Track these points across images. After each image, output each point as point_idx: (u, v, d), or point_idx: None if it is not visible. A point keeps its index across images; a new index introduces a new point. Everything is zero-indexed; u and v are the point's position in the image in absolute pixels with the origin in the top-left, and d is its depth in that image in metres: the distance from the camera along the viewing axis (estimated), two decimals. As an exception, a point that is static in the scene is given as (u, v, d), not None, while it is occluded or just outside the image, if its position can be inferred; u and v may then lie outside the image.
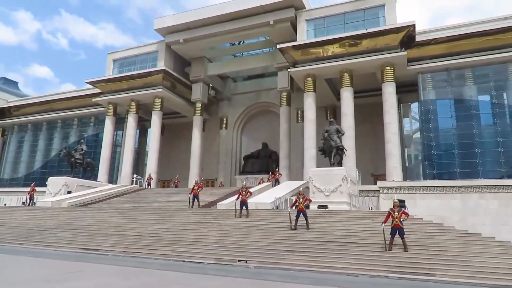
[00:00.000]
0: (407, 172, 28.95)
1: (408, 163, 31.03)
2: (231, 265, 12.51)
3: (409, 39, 25.66)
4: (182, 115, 39.60)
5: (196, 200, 21.06)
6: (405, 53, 25.59)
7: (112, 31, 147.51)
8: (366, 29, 26.37)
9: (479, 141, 24.20)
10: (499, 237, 14.25)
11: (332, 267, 11.78)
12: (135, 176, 34.55)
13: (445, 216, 19.58)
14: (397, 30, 25.38)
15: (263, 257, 12.91)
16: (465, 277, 10.57)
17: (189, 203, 20.97)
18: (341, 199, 19.52)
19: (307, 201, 16.45)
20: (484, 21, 26.34)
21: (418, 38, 26.28)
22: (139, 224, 18.17)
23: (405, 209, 14.32)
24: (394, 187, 22.80)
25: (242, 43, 37.69)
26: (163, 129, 38.15)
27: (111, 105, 36.56)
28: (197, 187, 21.33)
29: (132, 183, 33.33)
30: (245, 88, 40.43)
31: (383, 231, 12.73)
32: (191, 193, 21.21)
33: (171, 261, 13.13)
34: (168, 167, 38.89)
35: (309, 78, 28.27)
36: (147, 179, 32.46)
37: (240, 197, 17.72)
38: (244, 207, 17.60)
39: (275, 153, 35.42)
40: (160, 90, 34.26)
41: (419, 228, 14.73)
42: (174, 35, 34.45)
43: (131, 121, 35.64)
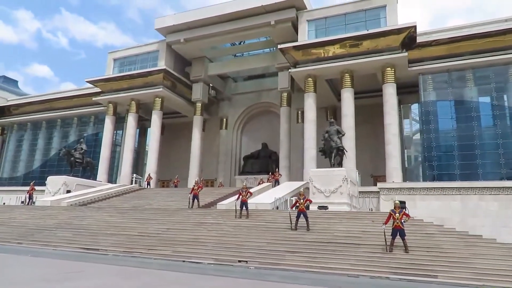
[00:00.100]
0: (407, 173, 28.94)
1: (408, 164, 31.01)
2: (231, 265, 12.48)
3: (410, 40, 25.64)
4: (182, 115, 39.55)
5: (196, 200, 21.01)
6: (406, 54, 25.59)
7: (112, 30, 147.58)
8: (367, 30, 26.34)
9: (479, 143, 24.20)
10: (499, 239, 14.24)
11: (332, 268, 11.75)
12: (135, 175, 34.49)
13: (445, 217, 19.61)
14: (398, 31, 25.37)
15: (264, 258, 12.87)
16: (467, 278, 10.53)
17: (189, 203, 20.94)
18: (341, 200, 19.49)
19: (308, 201, 16.41)
20: (485, 23, 26.34)
21: (419, 39, 26.27)
22: (139, 224, 18.13)
23: (406, 210, 14.29)
24: (394, 188, 22.87)
25: (242, 43, 37.65)
26: (163, 129, 38.09)
27: (111, 105, 36.49)
28: (197, 187, 21.28)
29: (131, 183, 33.26)
30: (246, 88, 40.39)
31: (384, 232, 12.71)
32: (191, 193, 21.16)
33: (171, 261, 13.09)
34: (167, 167, 38.82)
35: (310, 78, 28.25)
36: (147, 179, 32.41)
37: (240, 197, 17.68)
38: (244, 208, 17.57)
39: (275, 153, 35.37)
40: (160, 89, 34.22)
41: (419, 229, 14.69)
42: (174, 35, 34.41)
43: (131, 120, 35.59)
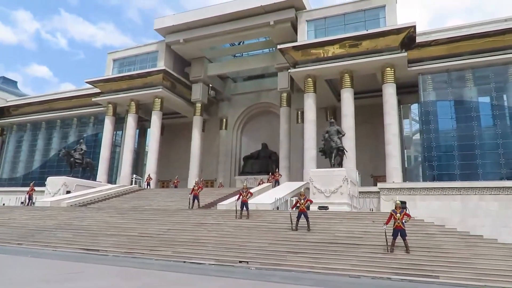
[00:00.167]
0: (406, 173, 28.94)
1: (408, 164, 31.02)
2: (232, 266, 12.46)
3: (409, 40, 25.65)
4: (182, 115, 39.51)
5: (196, 200, 20.98)
6: (406, 54, 25.59)
7: (111, 31, 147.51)
8: (366, 30, 26.34)
9: (479, 143, 24.20)
10: (499, 239, 14.24)
11: (334, 268, 11.74)
12: (135, 176, 34.43)
13: (445, 217, 19.60)
14: (398, 31, 25.38)
15: (264, 258, 12.85)
16: (468, 279, 10.52)
17: (189, 204, 20.90)
18: (342, 200, 19.49)
19: (308, 202, 16.39)
20: (484, 23, 26.35)
21: (418, 39, 26.28)
22: (139, 224, 18.09)
23: (407, 210, 14.27)
24: (394, 188, 22.86)
25: (242, 43, 37.62)
26: (162, 129, 38.04)
27: (110, 105, 36.44)
28: (197, 188, 21.25)
29: (131, 183, 33.21)
30: (245, 88, 40.37)
31: (385, 232, 12.70)
32: (191, 194, 21.13)
33: (171, 262, 13.07)
34: (167, 168, 38.78)
35: (310, 78, 28.24)
36: (147, 179, 32.37)
37: (240, 197, 17.66)
38: (244, 208, 17.55)
39: (275, 153, 35.35)
40: (160, 90, 34.18)
41: (420, 229, 14.68)
42: (174, 35, 34.37)
43: (131, 121, 35.54)
